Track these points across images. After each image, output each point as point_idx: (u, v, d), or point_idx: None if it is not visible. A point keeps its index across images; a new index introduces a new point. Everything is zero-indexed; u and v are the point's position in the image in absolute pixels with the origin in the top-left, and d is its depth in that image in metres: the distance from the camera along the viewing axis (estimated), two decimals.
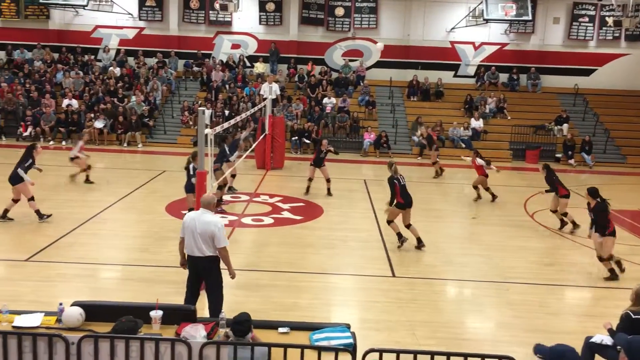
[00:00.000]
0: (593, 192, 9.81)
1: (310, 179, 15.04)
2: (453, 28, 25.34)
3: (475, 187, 15.10)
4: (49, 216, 11.58)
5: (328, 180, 15.02)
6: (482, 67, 25.81)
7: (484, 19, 23.57)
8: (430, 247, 11.18)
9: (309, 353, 4.63)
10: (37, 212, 11.49)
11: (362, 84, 25.00)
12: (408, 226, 10.93)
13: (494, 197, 15.03)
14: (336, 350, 4.52)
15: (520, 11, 22.85)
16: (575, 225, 12.53)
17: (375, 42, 25.69)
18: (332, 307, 8.43)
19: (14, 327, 5.07)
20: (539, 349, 6.31)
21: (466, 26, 25.05)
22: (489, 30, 25.55)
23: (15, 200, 11.49)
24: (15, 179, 11.38)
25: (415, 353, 4.51)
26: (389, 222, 11.00)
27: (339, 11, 25.51)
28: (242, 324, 4.76)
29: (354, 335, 5.50)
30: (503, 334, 7.72)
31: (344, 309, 8.33)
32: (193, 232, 6.77)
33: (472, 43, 25.80)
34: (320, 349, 4.53)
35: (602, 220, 9.47)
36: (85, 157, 15.28)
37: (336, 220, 12.74)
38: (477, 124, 23.09)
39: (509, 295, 8.97)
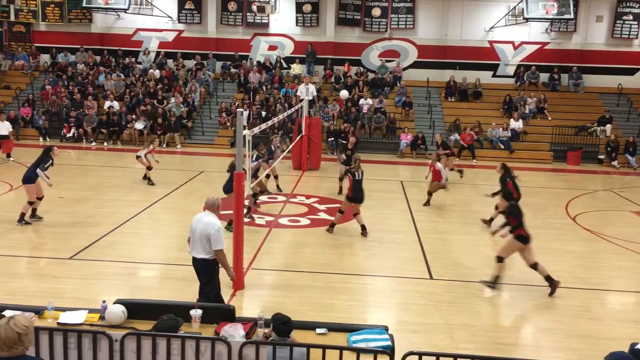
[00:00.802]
0: (506, 195, 10.64)
1: (341, 179, 15.04)
2: (492, 27, 24.97)
3: (430, 194, 14.39)
4: (28, 223, 11.50)
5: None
6: (522, 67, 25.35)
7: (524, 18, 23.17)
8: (469, 249, 11.06)
9: (348, 354, 4.62)
10: (23, 215, 11.47)
11: (398, 84, 24.85)
12: (355, 215, 11.57)
13: (428, 202, 14.35)
14: (375, 352, 4.49)
15: (562, 9, 22.36)
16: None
17: (412, 43, 25.60)
18: (369, 309, 8.39)
19: (59, 323, 5.19)
20: None
21: (505, 25, 24.66)
22: (529, 29, 25.10)
23: (39, 198, 11.71)
24: (26, 180, 11.48)
25: (456, 357, 4.45)
26: (355, 214, 11.55)
27: (376, 12, 25.43)
28: (288, 324, 4.78)
29: (392, 338, 5.46)
30: (545, 339, 7.55)
31: (381, 311, 8.29)
32: (194, 233, 6.94)
33: (512, 42, 25.38)
34: (359, 351, 4.51)
35: (509, 222, 9.21)
36: (148, 161, 15.39)
37: (372, 222, 12.63)
38: (516, 124, 22.69)
39: (551, 299, 8.77)
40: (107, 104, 23.08)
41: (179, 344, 4.45)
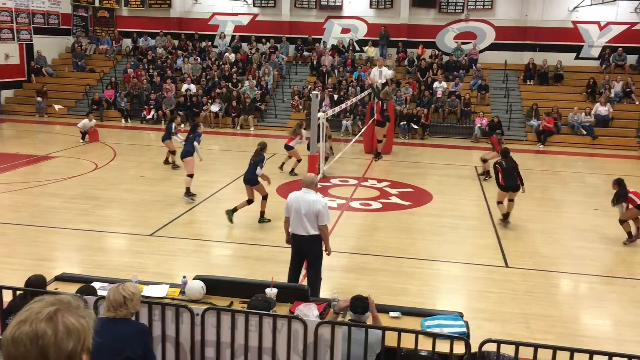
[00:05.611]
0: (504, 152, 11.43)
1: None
2: (576, 7, 23.79)
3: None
4: (194, 195, 12.32)
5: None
6: (608, 49, 24.04)
7: None
8: (546, 237, 10.69)
9: (423, 339, 4.59)
10: (188, 189, 12.26)
11: (474, 67, 24.16)
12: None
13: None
14: (452, 338, 4.43)
15: None
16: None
17: (490, 24, 24.79)
18: (442, 295, 8.30)
19: (143, 296, 5.42)
20: None
21: (591, 5, 23.41)
22: (616, 9, 23.73)
23: (190, 175, 12.32)
24: (186, 154, 12.32)
25: (536, 346, 4.31)
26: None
27: None
28: (362, 300, 4.83)
29: (467, 324, 5.38)
30: (629, 333, 7.22)
31: (454, 297, 8.17)
32: (298, 211, 7.01)
33: (597, 23, 24.09)
34: (435, 336, 4.47)
35: None
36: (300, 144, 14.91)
37: (446, 207, 12.48)
38: (601, 109, 21.59)
39: (635, 292, 8.36)
40: (185, 86, 23.75)
41: (256, 320, 4.56)
